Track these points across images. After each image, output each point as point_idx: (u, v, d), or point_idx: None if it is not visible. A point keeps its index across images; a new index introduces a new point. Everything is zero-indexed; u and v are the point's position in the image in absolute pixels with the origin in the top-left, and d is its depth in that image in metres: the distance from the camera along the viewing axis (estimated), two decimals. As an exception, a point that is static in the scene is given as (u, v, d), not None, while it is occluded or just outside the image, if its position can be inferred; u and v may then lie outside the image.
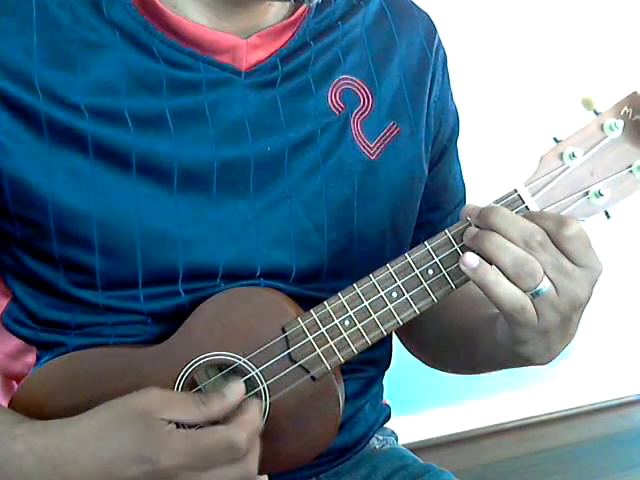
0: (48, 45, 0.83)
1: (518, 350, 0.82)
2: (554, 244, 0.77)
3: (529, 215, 0.79)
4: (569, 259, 0.77)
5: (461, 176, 1.07)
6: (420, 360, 1.11)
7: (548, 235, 0.77)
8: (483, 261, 0.78)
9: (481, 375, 1.06)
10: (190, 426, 0.79)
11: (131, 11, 0.85)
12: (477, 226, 0.80)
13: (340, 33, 0.94)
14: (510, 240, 0.77)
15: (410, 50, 0.97)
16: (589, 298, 0.80)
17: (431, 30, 1.01)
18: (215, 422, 0.80)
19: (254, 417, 0.79)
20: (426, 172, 0.99)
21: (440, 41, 1.01)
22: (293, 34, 0.91)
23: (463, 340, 0.98)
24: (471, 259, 0.78)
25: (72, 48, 0.84)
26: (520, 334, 0.80)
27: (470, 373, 1.05)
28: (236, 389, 0.80)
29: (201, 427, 0.79)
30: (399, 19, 0.98)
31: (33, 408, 0.83)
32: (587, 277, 0.78)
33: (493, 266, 0.78)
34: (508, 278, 0.77)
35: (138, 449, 0.75)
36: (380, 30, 0.97)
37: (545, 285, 0.77)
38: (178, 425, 0.77)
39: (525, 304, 0.77)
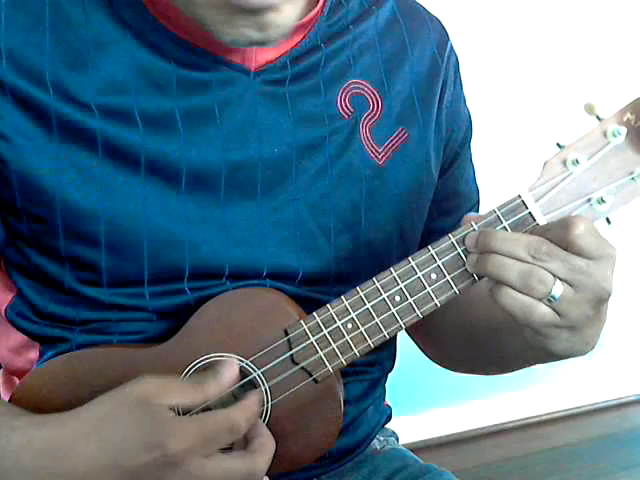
0: (60, 43, 0.83)
1: (550, 348, 0.81)
2: (565, 247, 0.76)
3: (534, 230, 0.79)
4: (583, 256, 0.76)
5: (474, 181, 1.06)
6: (435, 361, 1.11)
7: (558, 242, 0.77)
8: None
9: (481, 375, 1.06)
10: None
11: (142, 11, 0.85)
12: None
13: (352, 37, 0.93)
14: (517, 258, 0.77)
15: (421, 56, 0.97)
16: (612, 285, 0.79)
17: (443, 36, 1.01)
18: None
19: (252, 402, 0.80)
20: (435, 178, 0.99)
21: (452, 47, 1.01)
22: (304, 36, 0.91)
23: (492, 340, 0.97)
24: None
25: (83, 46, 0.84)
26: (547, 334, 0.79)
27: (495, 373, 1.04)
28: (229, 365, 0.81)
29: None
30: (411, 25, 0.98)
31: (32, 407, 0.83)
32: (605, 267, 0.77)
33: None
34: (520, 291, 0.77)
35: (145, 436, 0.74)
36: (392, 35, 0.96)
37: (558, 290, 0.76)
38: (177, 412, 0.78)
39: (541, 311, 0.77)
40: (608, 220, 0.81)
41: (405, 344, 1.10)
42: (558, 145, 0.80)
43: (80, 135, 0.83)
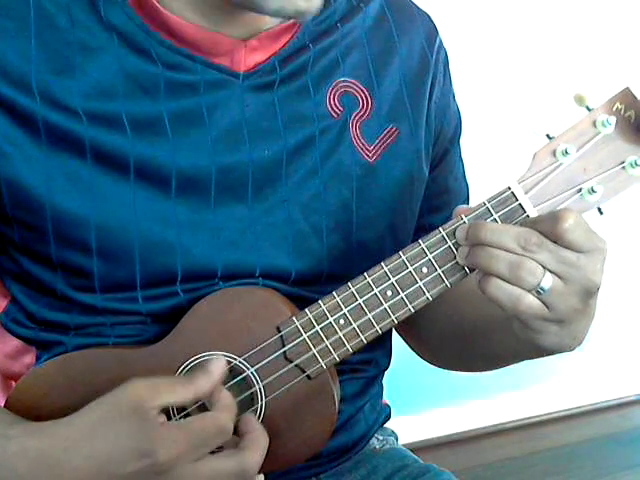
0: (46, 48, 0.83)
1: (539, 342, 0.81)
2: (555, 240, 0.76)
3: (524, 222, 0.79)
4: (573, 249, 0.76)
5: (464, 177, 1.06)
6: (426, 360, 1.10)
7: (547, 235, 0.77)
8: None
9: (481, 375, 1.06)
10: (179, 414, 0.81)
11: (128, 12, 0.85)
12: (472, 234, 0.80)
13: (339, 35, 0.93)
14: (507, 249, 0.77)
15: (410, 52, 0.97)
16: (601, 278, 0.79)
17: (432, 31, 1.00)
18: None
19: (228, 398, 0.80)
20: (426, 174, 0.99)
21: (441, 42, 1.01)
22: (292, 36, 0.90)
23: (482, 337, 0.97)
24: None
25: (69, 51, 0.84)
26: (535, 327, 0.79)
27: (489, 369, 1.04)
28: (217, 363, 0.80)
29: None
30: (399, 20, 0.98)
31: (29, 409, 0.83)
32: (594, 260, 0.77)
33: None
34: (509, 282, 0.77)
35: (135, 444, 0.74)
36: (380, 32, 0.96)
37: (547, 282, 0.76)
38: (169, 415, 0.78)
39: (529, 302, 0.77)
40: (600, 210, 0.81)
41: (405, 344, 1.10)
42: (547, 136, 0.80)
43: (68, 141, 0.83)
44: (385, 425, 1.07)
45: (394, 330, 1.04)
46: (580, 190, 0.80)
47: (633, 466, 2.22)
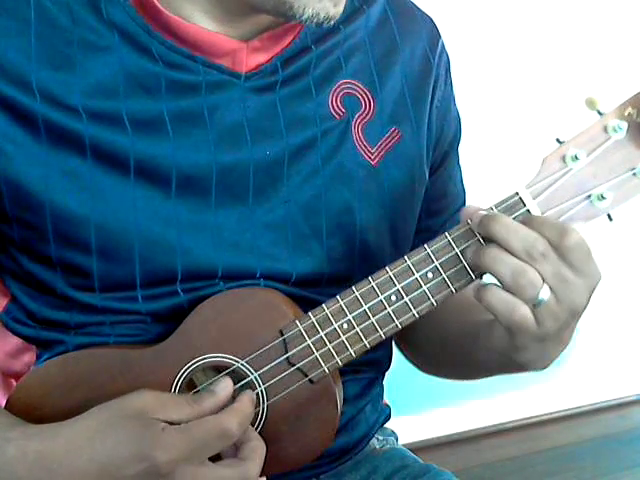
0: (46, 46, 0.83)
1: (515, 357, 0.82)
2: (556, 253, 0.76)
3: (530, 220, 0.78)
4: (570, 268, 0.76)
5: (461, 182, 1.06)
6: (415, 366, 1.10)
7: (550, 244, 0.76)
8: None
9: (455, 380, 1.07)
10: None
11: (130, 12, 0.85)
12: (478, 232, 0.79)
13: (342, 37, 0.93)
14: (511, 250, 0.76)
15: (413, 54, 0.97)
16: (586, 306, 0.79)
17: (434, 35, 1.00)
18: None
19: (244, 405, 0.80)
20: (427, 176, 0.98)
21: (444, 46, 1.01)
22: (294, 37, 0.90)
23: (460, 347, 0.97)
24: None
25: (70, 49, 0.83)
26: (519, 341, 0.79)
27: (463, 379, 1.05)
28: (224, 385, 0.81)
29: None
30: (402, 23, 0.98)
31: (29, 409, 0.83)
32: (586, 285, 0.77)
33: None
34: (508, 289, 0.77)
35: (134, 448, 0.74)
36: (383, 34, 0.96)
37: (545, 294, 0.76)
38: (172, 424, 0.77)
39: (524, 313, 0.77)
40: (609, 217, 0.80)
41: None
42: (557, 140, 0.79)
43: (68, 139, 0.82)
44: (385, 425, 1.07)
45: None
46: (590, 196, 0.79)
47: (633, 466, 2.23)
